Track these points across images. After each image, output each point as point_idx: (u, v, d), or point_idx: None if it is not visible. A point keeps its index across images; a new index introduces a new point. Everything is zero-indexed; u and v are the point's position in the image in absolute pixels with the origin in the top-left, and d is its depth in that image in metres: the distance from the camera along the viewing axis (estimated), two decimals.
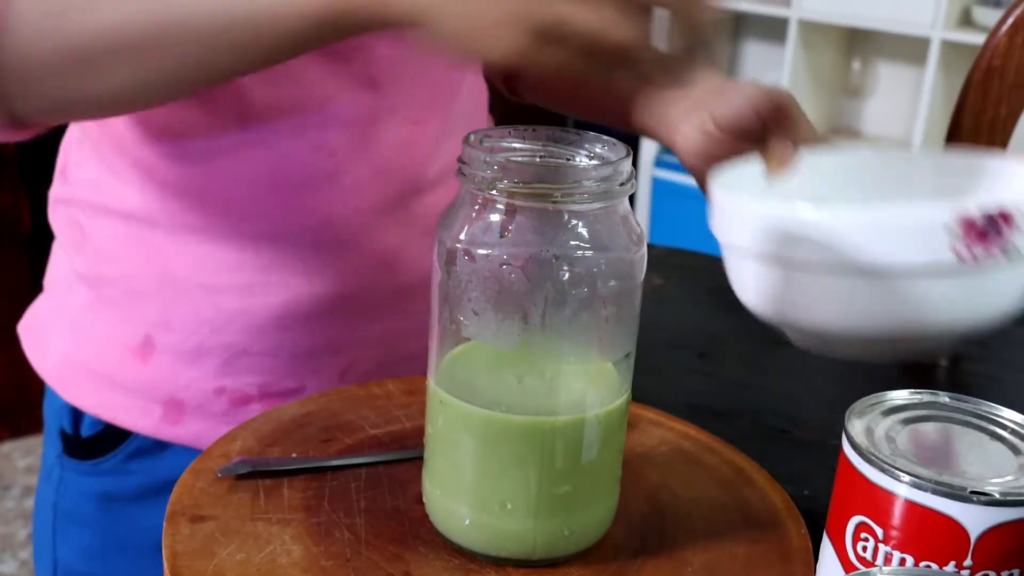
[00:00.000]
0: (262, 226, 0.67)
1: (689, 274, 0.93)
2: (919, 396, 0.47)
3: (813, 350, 0.59)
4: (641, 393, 0.58)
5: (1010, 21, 0.94)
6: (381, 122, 0.68)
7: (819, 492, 0.60)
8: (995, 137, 0.95)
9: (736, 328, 0.86)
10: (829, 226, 0.53)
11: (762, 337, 0.84)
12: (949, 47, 2.41)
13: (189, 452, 0.69)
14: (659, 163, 2.89)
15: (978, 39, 0.93)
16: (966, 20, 2.51)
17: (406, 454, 0.57)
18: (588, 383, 0.49)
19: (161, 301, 0.69)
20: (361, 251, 0.69)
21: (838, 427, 0.44)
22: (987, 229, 0.52)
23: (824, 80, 2.72)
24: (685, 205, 2.85)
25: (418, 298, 0.71)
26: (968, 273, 0.53)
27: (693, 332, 0.83)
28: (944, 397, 0.47)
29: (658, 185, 2.91)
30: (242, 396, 0.70)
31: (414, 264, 0.71)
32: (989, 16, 2.39)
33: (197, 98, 0.64)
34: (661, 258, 0.94)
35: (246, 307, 0.68)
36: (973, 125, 0.96)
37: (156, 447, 0.71)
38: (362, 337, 0.71)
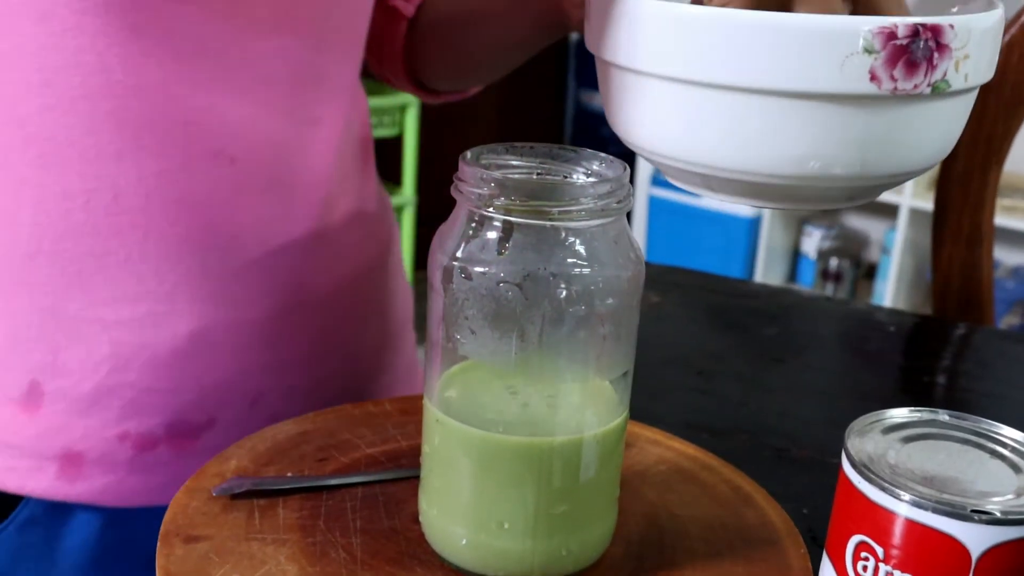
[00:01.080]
0: (163, 248, 0.60)
1: (687, 292, 0.93)
2: (919, 414, 0.47)
3: (691, 188, 0.50)
4: (639, 412, 0.58)
5: (1006, 39, 0.94)
6: (280, 128, 0.62)
7: (818, 511, 0.59)
8: (991, 154, 0.96)
9: (735, 346, 0.86)
10: (718, 27, 0.43)
11: (761, 355, 0.84)
12: None
13: (94, 512, 0.63)
14: (656, 181, 2.90)
15: None
16: None
17: (403, 473, 0.57)
18: (586, 402, 0.48)
19: (48, 342, 0.60)
20: (269, 271, 0.64)
21: (837, 446, 0.44)
22: (914, 52, 0.43)
23: None
24: (681, 223, 2.85)
25: (327, 319, 0.68)
26: (885, 106, 0.44)
27: (691, 350, 0.83)
28: (944, 415, 0.47)
29: (655, 203, 2.91)
30: (149, 439, 0.63)
31: (323, 284, 0.67)
32: None
33: (77, 95, 0.56)
34: (658, 276, 0.94)
35: (149, 340, 0.61)
36: (969, 141, 0.96)
37: (54, 511, 0.63)
38: (272, 363, 0.66)
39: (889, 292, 2.69)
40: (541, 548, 0.48)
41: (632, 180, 0.48)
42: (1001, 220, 2.35)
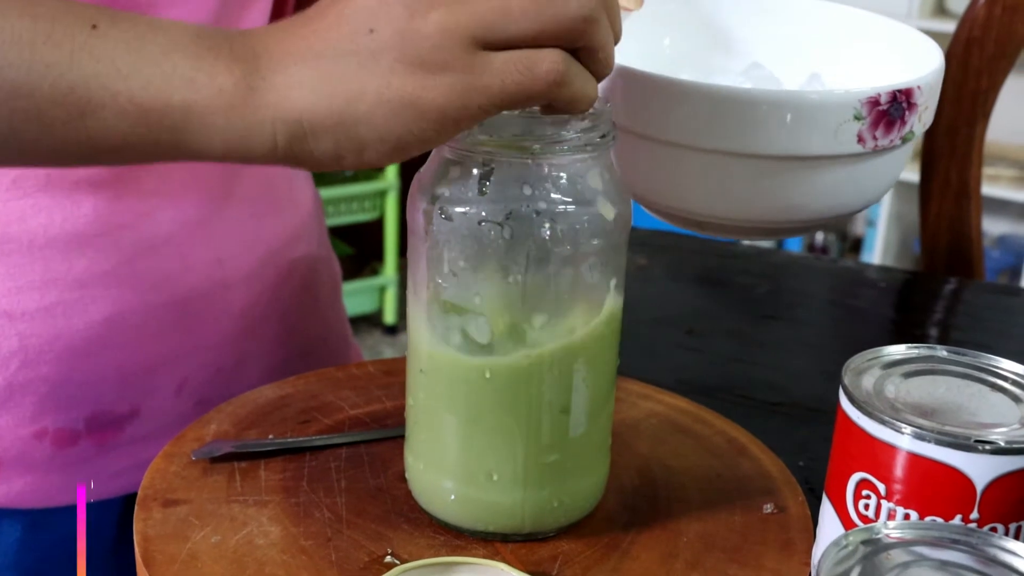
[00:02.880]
0: (68, 230, 0.56)
1: (673, 254, 0.91)
2: (916, 350, 0.45)
3: (679, 226, 0.55)
4: (629, 370, 0.57)
5: None
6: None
7: (815, 463, 0.58)
8: (976, 108, 0.94)
9: (725, 305, 0.84)
10: (730, 102, 0.48)
11: (751, 313, 0.83)
12: None
13: (15, 515, 0.59)
14: None
15: (952, 27, 0.93)
16: (940, 9, 2.52)
17: (387, 433, 0.55)
18: (573, 341, 0.47)
19: None
20: (183, 247, 0.60)
21: (831, 398, 0.43)
22: (892, 114, 0.49)
23: None
24: None
25: (250, 296, 0.65)
26: (865, 160, 0.50)
27: (680, 310, 0.81)
28: (942, 351, 0.45)
29: None
30: (68, 434, 0.59)
31: (242, 258, 0.64)
32: (963, 5, 2.39)
33: None
34: (644, 239, 0.92)
35: (61, 330, 0.57)
36: (954, 97, 0.94)
37: None
38: (195, 345, 0.62)
39: (875, 264, 2.68)
40: (531, 500, 0.47)
41: None
42: (985, 189, 2.34)
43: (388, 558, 0.46)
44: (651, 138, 0.51)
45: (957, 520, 0.40)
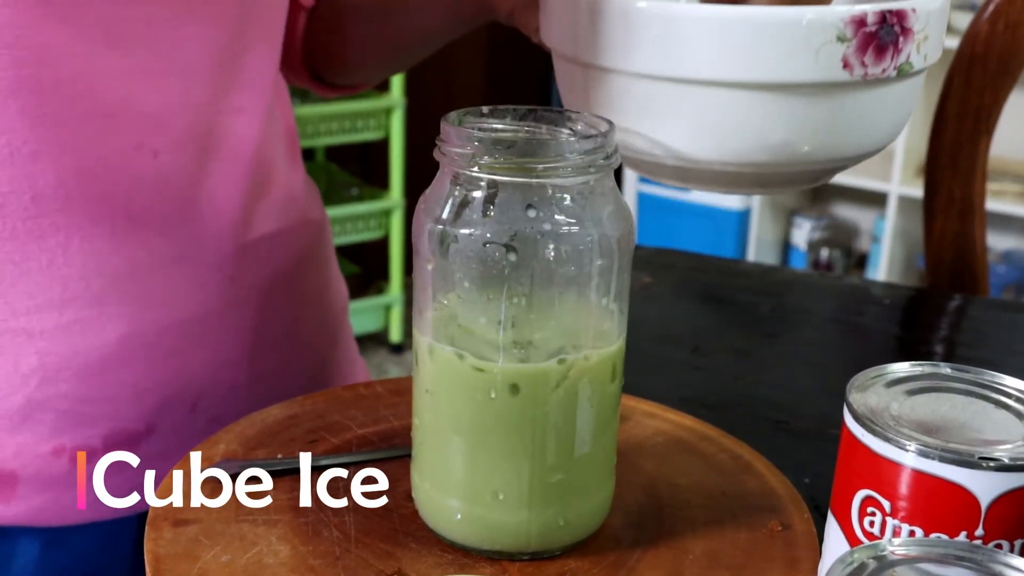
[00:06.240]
0: (87, 249, 0.57)
1: (677, 272, 0.92)
2: (921, 368, 0.46)
3: (661, 180, 0.52)
4: (634, 388, 0.57)
5: (991, 8, 0.93)
6: (201, 118, 0.60)
7: (820, 480, 0.58)
8: (980, 124, 0.95)
9: (728, 323, 0.85)
10: (696, 23, 0.44)
11: (755, 330, 0.83)
12: None
13: (33, 534, 0.60)
14: (645, 179, 2.89)
15: (955, 43, 0.94)
16: None
17: (395, 452, 0.56)
18: (578, 360, 0.47)
19: None
20: (198, 267, 0.61)
21: (836, 416, 0.43)
22: (883, 38, 0.45)
23: None
24: (671, 219, 2.85)
25: (262, 315, 0.66)
26: (856, 91, 0.46)
27: (684, 328, 0.82)
28: (946, 368, 0.46)
29: (643, 200, 2.90)
30: (86, 451, 0.58)
31: (254, 278, 0.65)
32: (965, 21, 2.39)
33: None
34: (648, 258, 0.93)
35: (79, 348, 0.58)
36: (958, 112, 0.95)
37: None
38: (210, 362, 0.63)
39: (880, 280, 2.68)
40: (537, 519, 0.47)
41: (620, 177, 0.48)
42: (990, 205, 2.34)
43: None
44: (617, 71, 0.47)
45: (962, 537, 0.40)
